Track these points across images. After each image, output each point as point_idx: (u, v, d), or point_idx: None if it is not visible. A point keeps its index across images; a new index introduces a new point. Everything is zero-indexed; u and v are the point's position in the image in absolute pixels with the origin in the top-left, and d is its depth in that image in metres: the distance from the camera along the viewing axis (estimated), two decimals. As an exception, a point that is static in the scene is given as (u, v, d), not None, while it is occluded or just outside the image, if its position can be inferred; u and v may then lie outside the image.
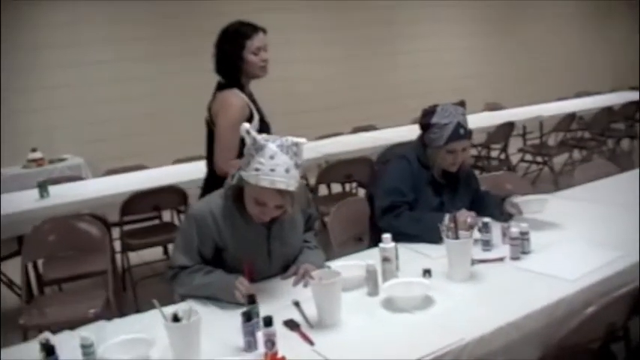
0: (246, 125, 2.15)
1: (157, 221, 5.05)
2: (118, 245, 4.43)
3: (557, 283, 2.13)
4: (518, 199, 2.75)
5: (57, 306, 3.36)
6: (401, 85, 9.04)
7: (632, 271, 2.24)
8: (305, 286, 2.24)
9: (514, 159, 6.90)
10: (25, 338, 3.33)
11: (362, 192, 5.34)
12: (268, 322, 1.75)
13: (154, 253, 5.12)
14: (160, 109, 7.24)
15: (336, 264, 2.39)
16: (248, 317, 1.80)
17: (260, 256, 2.33)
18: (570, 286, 2.10)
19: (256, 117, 3.07)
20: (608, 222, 2.79)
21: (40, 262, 3.97)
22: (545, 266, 2.29)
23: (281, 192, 2.11)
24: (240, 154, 3.04)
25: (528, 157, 7.08)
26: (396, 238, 2.31)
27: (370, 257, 2.33)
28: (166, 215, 5.24)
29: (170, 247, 5.19)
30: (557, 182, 6.54)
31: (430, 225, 2.49)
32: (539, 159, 6.98)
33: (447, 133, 2.72)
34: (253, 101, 3.15)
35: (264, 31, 3.09)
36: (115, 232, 4.41)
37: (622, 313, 2.09)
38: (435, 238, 2.46)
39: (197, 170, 4.91)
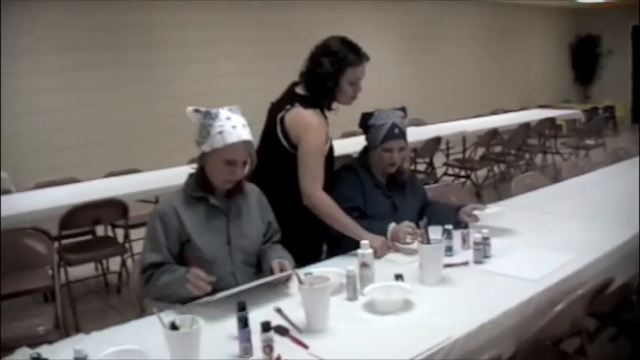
0: (190, 108, 2.34)
1: (90, 236, 4.92)
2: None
3: (524, 283, 2.27)
4: (478, 212, 2.88)
5: (2, 324, 3.19)
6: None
7: (586, 272, 2.42)
8: (286, 284, 2.31)
9: (438, 172, 7.17)
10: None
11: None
12: (266, 327, 1.78)
13: (86, 269, 5.00)
14: (87, 122, 7.02)
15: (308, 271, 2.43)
16: (245, 323, 1.81)
17: (221, 245, 2.37)
18: (536, 285, 2.24)
19: (329, 140, 2.91)
20: (554, 227, 2.99)
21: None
22: (508, 268, 2.43)
23: (246, 145, 2.31)
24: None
25: (450, 170, 7.38)
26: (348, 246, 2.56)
27: (332, 266, 2.47)
28: (99, 230, 5.12)
29: (105, 262, 5.09)
30: (480, 195, 6.84)
31: (376, 233, 2.67)
32: (462, 173, 7.27)
33: (383, 133, 2.87)
34: None
35: (368, 58, 2.91)
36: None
37: (581, 310, 2.26)
38: None
39: (133, 183, 4.89)
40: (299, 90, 2.87)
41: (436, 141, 6.52)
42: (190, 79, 7.48)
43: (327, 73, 2.78)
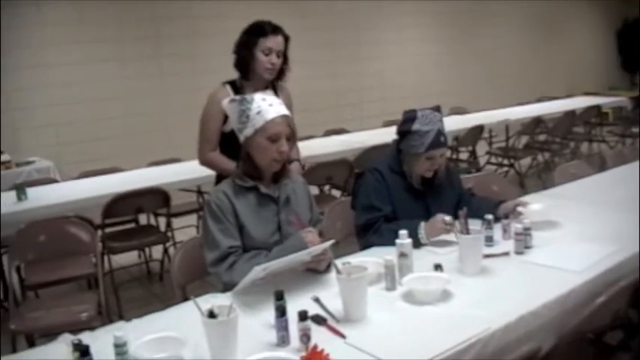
0: (225, 100, 2.48)
1: (133, 224, 5.00)
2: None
3: (565, 274, 2.23)
4: (522, 209, 2.77)
5: (46, 310, 3.27)
6: (366, 90, 9.14)
7: (629, 264, 2.37)
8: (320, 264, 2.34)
9: (480, 161, 7.08)
10: (14, 343, 3.28)
11: (338, 194, 5.41)
12: (304, 316, 1.78)
13: (129, 257, 5.08)
14: (130, 112, 7.13)
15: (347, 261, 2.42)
16: (282, 312, 1.82)
17: (272, 232, 2.42)
18: (578, 277, 2.20)
19: None
20: (598, 218, 2.93)
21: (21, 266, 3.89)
22: (549, 259, 2.38)
23: (285, 119, 2.38)
24: (222, 149, 3.19)
25: (494, 159, 7.28)
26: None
27: (371, 256, 2.46)
28: (142, 219, 5.20)
29: (148, 250, 5.17)
30: (524, 184, 6.74)
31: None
32: (505, 161, 7.17)
33: (428, 141, 2.70)
34: None
35: (285, 36, 3.13)
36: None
37: (624, 302, 2.21)
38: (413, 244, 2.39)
39: (175, 172, 4.95)
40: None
41: (479, 129, 6.43)
42: (232, 69, 7.49)
43: (242, 44, 3.14)
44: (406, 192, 2.83)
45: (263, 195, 2.42)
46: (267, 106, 2.35)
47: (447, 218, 2.57)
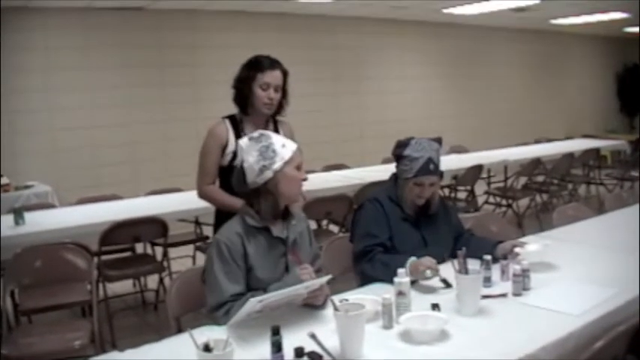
0: (243, 140, 2.43)
1: (130, 253, 4.98)
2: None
3: (564, 317, 2.22)
4: (519, 250, 2.78)
5: (39, 336, 3.24)
6: (367, 126, 9.20)
7: (628, 307, 2.35)
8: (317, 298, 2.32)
9: (478, 201, 7.08)
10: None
11: (336, 229, 5.40)
12: (300, 353, 1.77)
13: (124, 285, 5.05)
14: (132, 140, 7.17)
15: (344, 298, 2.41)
16: (278, 348, 1.81)
17: (280, 273, 2.41)
18: (576, 320, 2.19)
19: (230, 148, 3.11)
20: (597, 261, 2.93)
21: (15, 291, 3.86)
22: (547, 302, 2.37)
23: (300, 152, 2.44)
24: (220, 183, 3.19)
25: (492, 199, 7.28)
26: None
27: (369, 293, 2.46)
28: (139, 247, 5.17)
29: (144, 279, 5.14)
30: (522, 224, 6.73)
31: (396, 269, 2.42)
32: (503, 202, 7.17)
33: (417, 167, 2.78)
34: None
35: (283, 70, 3.13)
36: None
37: (623, 347, 2.19)
38: None
39: (174, 202, 4.94)
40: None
41: (477, 169, 6.45)
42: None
43: (240, 79, 3.13)
44: (403, 222, 2.88)
45: (273, 237, 2.41)
46: (284, 138, 2.44)
47: (432, 265, 2.55)
